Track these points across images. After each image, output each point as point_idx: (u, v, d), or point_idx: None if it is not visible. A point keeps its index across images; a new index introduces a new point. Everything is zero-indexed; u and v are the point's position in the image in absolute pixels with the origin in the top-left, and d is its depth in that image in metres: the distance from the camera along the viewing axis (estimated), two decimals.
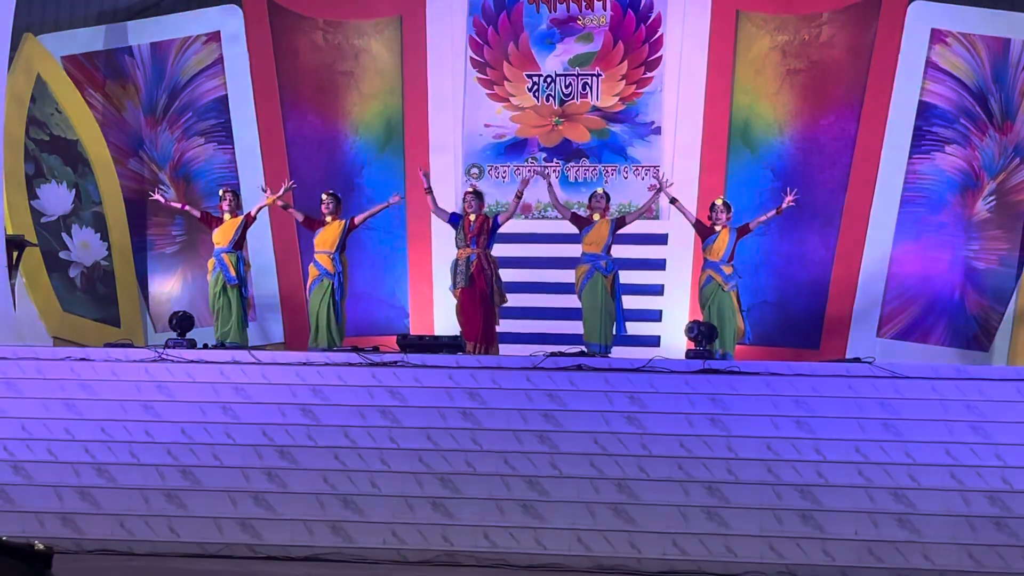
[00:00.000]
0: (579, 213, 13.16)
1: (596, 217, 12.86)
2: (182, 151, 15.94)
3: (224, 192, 13.54)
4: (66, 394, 10.97)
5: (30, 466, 10.23)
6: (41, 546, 2.82)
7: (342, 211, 13.31)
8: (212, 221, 13.52)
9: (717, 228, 12.86)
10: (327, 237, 13.08)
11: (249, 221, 13.45)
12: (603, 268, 12.65)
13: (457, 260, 12.86)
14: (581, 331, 12.85)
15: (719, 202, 13.04)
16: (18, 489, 10.06)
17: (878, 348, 14.19)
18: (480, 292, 12.68)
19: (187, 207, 13.98)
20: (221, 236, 13.28)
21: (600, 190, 13.18)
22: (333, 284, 13.00)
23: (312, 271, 13.16)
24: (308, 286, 13.20)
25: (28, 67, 14.87)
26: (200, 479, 10.08)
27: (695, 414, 10.40)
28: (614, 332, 12.69)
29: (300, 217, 13.42)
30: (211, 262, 13.42)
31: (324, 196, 13.24)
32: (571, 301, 14.64)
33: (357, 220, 13.28)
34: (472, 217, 12.86)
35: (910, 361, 12.92)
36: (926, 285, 14.73)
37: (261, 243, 14.85)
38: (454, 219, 13.00)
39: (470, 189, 13.28)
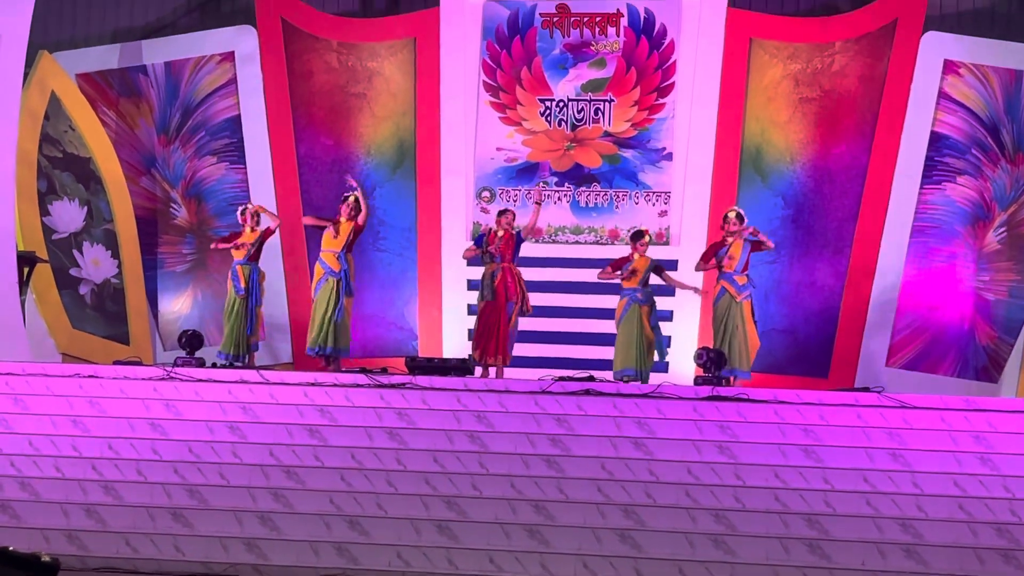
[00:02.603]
0: (615, 260, 13.33)
1: (635, 256, 13.05)
2: (194, 170, 15.99)
3: (247, 207, 13.79)
4: (74, 411, 10.97)
5: (37, 482, 10.22)
6: (48, 558, 2.82)
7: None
8: (233, 237, 13.75)
9: (729, 240, 12.89)
10: (337, 238, 13.18)
11: (267, 235, 13.75)
12: (640, 300, 12.95)
13: (484, 275, 13.06)
14: (591, 356, 12.95)
15: (731, 213, 13.08)
16: (24, 505, 10.05)
17: (887, 377, 14.16)
18: (500, 306, 12.85)
19: (225, 245, 14.01)
20: (241, 250, 13.57)
21: (640, 230, 13.34)
22: (339, 282, 13.04)
23: (318, 270, 13.24)
24: (314, 286, 13.25)
25: (42, 84, 14.93)
26: (206, 498, 10.06)
27: (703, 441, 10.38)
28: (655, 359, 12.91)
29: (323, 223, 13.48)
30: (230, 273, 13.66)
31: (348, 199, 13.31)
32: (583, 326, 14.74)
33: (360, 220, 13.36)
34: (500, 233, 13.01)
35: (919, 391, 12.90)
36: (936, 315, 14.71)
37: (271, 262, 14.85)
38: (478, 242, 13.18)
39: (507, 208, 13.45)
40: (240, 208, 13.98)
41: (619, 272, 13.16)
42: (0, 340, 13.01)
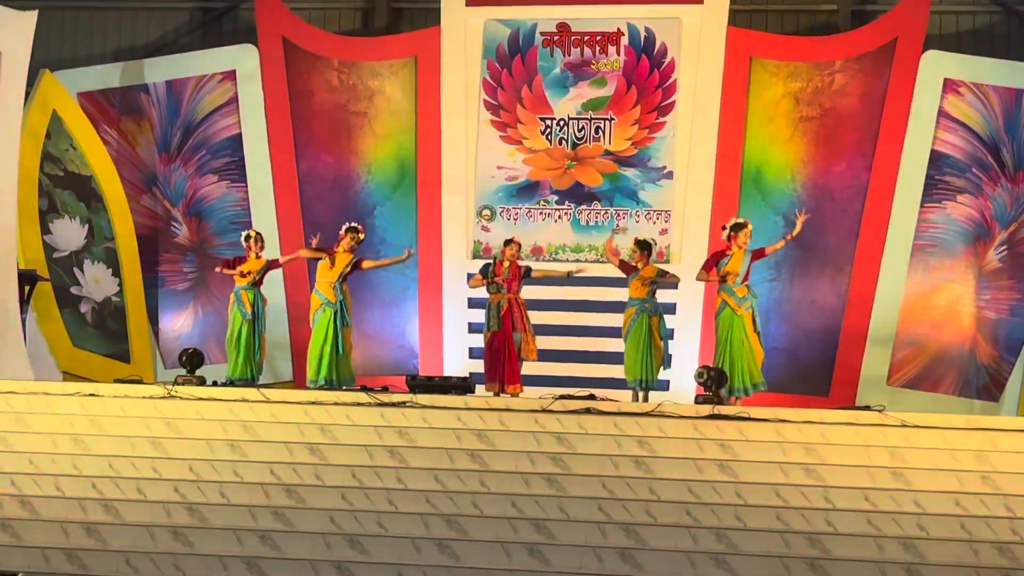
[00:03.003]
0: (627, 260, 13.28)
1: (640, 265, 13.00)
2: (195, 188, 16.02)
3: (249, 233, 13.70)
4: (74, 429, 10.96)
5: (37, 501, 10.21)
6: None
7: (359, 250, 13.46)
8: (237, 262, 13.66)
9: (731, 251, 12.77)
10: (333, 268, 13.16)
11: (273, 266, 13.66)
12: (648, 310, 12.86)
13: (489, 305, 13.02)
14: (592, 374, 12.93)
15: (751, 226, 12.87)
16: (24, 524, 10.04)
17: (888, 396, 14.15)
18: (508, 336, 12.92)
19: (230, 271, 13.89)
20: (247, 269, 13.50)
21: (643, 239, 13.28)
22: (335, 313, 13.03)
23: (314, 301, 13.20)
24: (311, 317, 13.22)
25: (44, 103, 14.96)
26: (207, 517, 10.05)
27: (704, 459, 10.37)
28: (661, 369, 12.91)
29: (319, 255, 13.42)
30: (231, 297, 13.56)
31: (355, 234, 13.28)
32: (584, 344, 14.71)
33: (365, 264, 13.35)
34: (505, 264, 13.01)
35: (920, 410, 12.90)
36: (937, 334, 14.71)
37: (272, 280, 14.83)
38: (484, 272, 13.17)
39: (517, 242, 13.33)
40: (244, 234, 13.91)
41: (626, 271, 13.10)
42: (1, 358, 13.01)
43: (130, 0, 17.24)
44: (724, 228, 12.88)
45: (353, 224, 13.46)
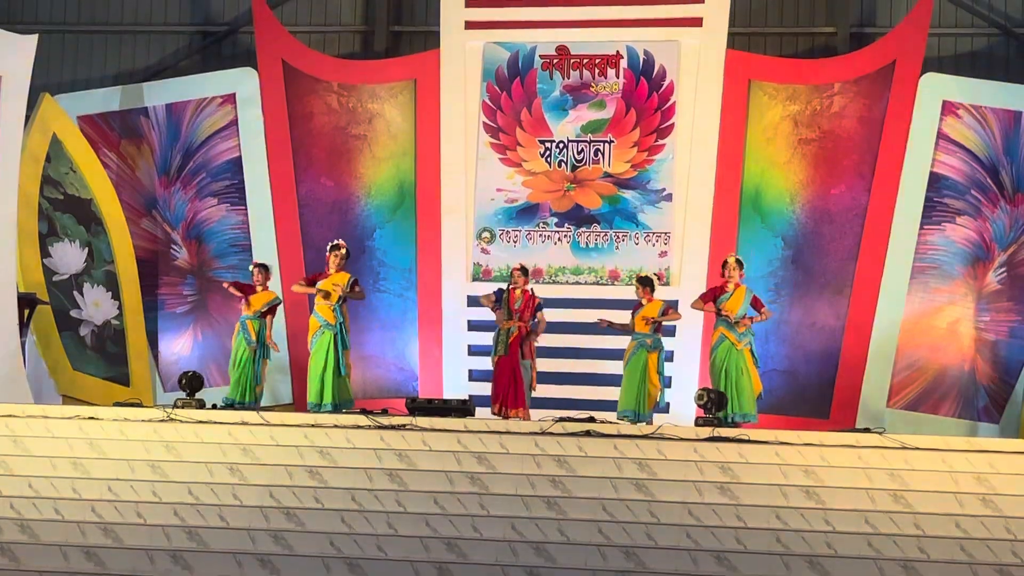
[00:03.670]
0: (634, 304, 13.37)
1: (645, 301, 13.10)
2: (195, 211, 16.03)
3: (254, 266, 13.76)
4: (74, 453, 10.95)
5: (36, 525, 10.19)
6: None
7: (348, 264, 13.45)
8: (246, 290, 13.68)
9: (729, 288, 12.83)
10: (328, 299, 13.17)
11: (271, 312, 13.73)
12: (648, 346, 12.93)
13: (499, 330, 13.06)
14: (592, 396, 12.93)
15: (731, 259, 12.99)
16: (24, 548, 10.02)
17: (888, 418, 14.14)
18: (515, 362, 12.95)
19: (237, 293, 13.92)
20: (252, 304, 13.54)
21: (644, 276, 13.41)
22: (335, 335, 13.01)
23: (313, 323, 13.17)
24: (310, 340, 13.20)
25: (44, 126, 14.99)
26: (206, 541, 10.03)
27: (704, 482, 10.36)
28: (658, 403, 12.96)
29: (312, 291, 13.40)
30: (237, 325, 13.60)
31: (337, 250, 13.26)
32: (583, 366, 14.69)
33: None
34: (518, 292, 13.01)
35: (920, 432, 12.88)
36: (936, 356, 14.71)
37: None
38: (498, 299, 13.14)
39: (518, 266, 13.31)
40: (251, 266, 13.97)
41: (633, 308, 13.19)
42: (0, 382, 13.00)
43: (130, 24, 17.32)
44: (724, 264, 12.96)
45: (335, 242, 13.40)
